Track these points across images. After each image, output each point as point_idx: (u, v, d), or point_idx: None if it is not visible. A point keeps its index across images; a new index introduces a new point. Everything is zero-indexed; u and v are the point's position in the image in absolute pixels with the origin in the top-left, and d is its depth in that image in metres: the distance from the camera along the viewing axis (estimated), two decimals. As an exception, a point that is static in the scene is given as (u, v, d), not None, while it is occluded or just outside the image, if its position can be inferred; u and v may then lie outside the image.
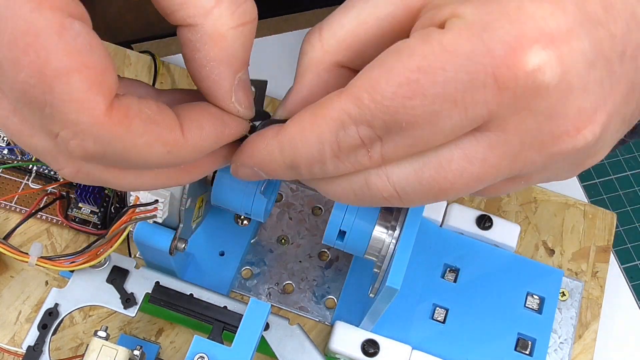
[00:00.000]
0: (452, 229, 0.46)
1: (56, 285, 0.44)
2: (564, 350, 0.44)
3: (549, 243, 0.48)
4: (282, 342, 0.38)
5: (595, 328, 0.46)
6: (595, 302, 0.46)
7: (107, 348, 0.36)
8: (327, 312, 0.45)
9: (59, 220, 0.46)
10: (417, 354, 0.42)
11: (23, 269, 0.45)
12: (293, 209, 0.47)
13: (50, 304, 0.38)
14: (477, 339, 0.43)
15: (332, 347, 0.42)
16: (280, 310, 0.45)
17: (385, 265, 0.38)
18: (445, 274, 0.45)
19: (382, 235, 0.38)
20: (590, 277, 0.47)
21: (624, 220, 0.87)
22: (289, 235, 0.47)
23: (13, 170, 0.47)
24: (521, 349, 0.43)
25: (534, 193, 0.49)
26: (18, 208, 0.46)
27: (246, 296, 0.45)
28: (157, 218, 0.35)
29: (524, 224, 0.48)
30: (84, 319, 0.44)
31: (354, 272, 0.45)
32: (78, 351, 0.43)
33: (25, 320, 0.43)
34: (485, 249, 0.46)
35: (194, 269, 0.44)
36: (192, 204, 0.37)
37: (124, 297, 0.38)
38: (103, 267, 0.39)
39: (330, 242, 0.39)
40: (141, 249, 0.39)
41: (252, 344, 0.36)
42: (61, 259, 0.37)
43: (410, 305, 0.44)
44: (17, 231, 0.41)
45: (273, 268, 0.46)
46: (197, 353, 0.35)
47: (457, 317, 0.44)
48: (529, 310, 0.44)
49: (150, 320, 0.44)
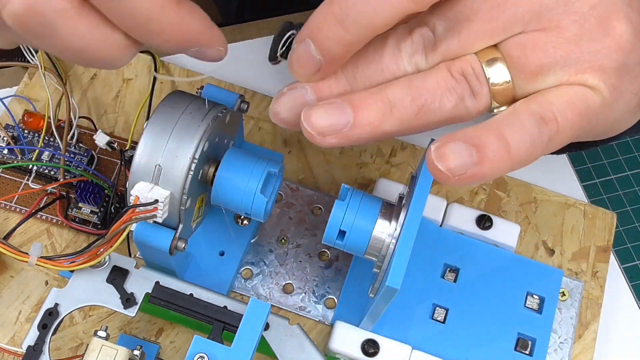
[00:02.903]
0: (452, 229, 0.46)
1: (56, 285, 0.44)
2: (564, 350, 0.44)
3: (549, 243, 0.48)
4: (282, 342, 0.38)
5: (595, 328, 0.46)
6: (595, 302, 0.46)
7: (107, 348, 0.36)
8: (327, 312, 0.45)
9: (59, 220, 0.46)
10: (417, 353, 0.42)
11: (23, 269, 0.45)
12: (293, 209, 0.47)
13: (50, 303, 0.38)
14: (477, 338, 0.43)
15: (332, 347, 0.42)
16: (280, 310, 0.45)
17: (385, 265, 0.38)
18: (445, 274, 0.45)
19: (382, 235, 0.38)
20: (590, 277, 0.47)
21: (624, 220, 0.87)
22: (289, 235, 0.47)
23: (13, 170, 0.47)
24: (521, 348, 0.43)
25: (534, 193, 0.49)
26: (18, 208, 0.46)
27: (246, 296, 0.45)
28: (157, 218, 0.35)
29: (524, 224, 0.48)
30: (84, 319, 0.44)
31: (354, 272, 0.45)
32: (78, 351, 0.43)
33: (25, 320, 0.43)
34: (485, 249, 0.46)
35: (194, 269, 0.44)
36: (192, 204, 0.37)
37: (124, 297, 0.38)
38: (103, 267, 0.39)
39: (330, 242, 0.39)
40: (141, 249, 0.39)
41: (252, 344, 0.36)
42: (61, 259, 0.37)
43: (410, 305, 0.44)
44: (17, 231, 0.41)
45: (273, 268, 0.46)
46: (197, 353, 0.35)
47: (457, 317, 0.44)
48: (529, 310, 0.44)
49: (150, 320, 0.44)
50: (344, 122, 0.31)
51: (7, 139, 0.47)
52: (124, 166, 0.46)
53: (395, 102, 0.31)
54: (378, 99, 0.31)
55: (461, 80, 0.31)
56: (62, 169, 0.46)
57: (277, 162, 0.39)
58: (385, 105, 0.31)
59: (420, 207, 0.35)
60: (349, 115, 0.31)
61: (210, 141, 0.37)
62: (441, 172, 0.30)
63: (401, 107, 0.31)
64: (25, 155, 0.47)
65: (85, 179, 0.45)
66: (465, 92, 0.31)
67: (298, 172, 0.49)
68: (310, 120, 0.32)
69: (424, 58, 0.32)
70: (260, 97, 0.51)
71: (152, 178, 0.36)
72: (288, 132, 0.50)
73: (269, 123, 0.50)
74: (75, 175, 0.46)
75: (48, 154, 0.47)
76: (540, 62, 0.31)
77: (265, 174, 0.38)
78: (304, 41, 0.32)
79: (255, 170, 0.38)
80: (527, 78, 0.31)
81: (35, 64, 0.49)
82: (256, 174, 0.38)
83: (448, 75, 0.31)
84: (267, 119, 0.51)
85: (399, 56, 0.32)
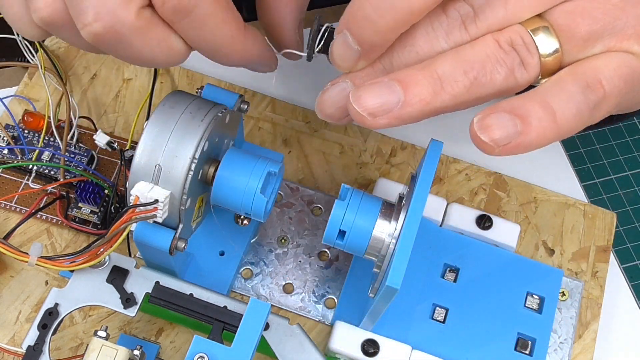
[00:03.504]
0: (452, 229, 0.46)
1: (56, 285, 0.44)
2: (564, 350, 0.44)
3: (549, 243, 0.48)
4: (282, 342, 0.38)
5: (595, 328, 0.46)
6: (595, 302, 0.46)
7: (107, 348, 0.36)
8: (327, 312, 0.45)
9: (59, 220, 0.46)
10: (417, 353, 0.42)
11: (23, 269, 0.45)
12: (293, 209, 0.47)
13: (50, 303, 0.38)
14: (477, 338, 0.43)
15: (332, 347, 0.42)
16: (280, 310, 0.45)
17: (385, 265, 0.38)
18: (445, 273, 0.45)
19: (382, 235, 0.38)
20: (590, 277, 0.47)
21: (624, 220, 0.87)
22: (289, 235, 0.47)
23: (13, 170, 0.47)
24: (521, 348, 0.43)
25: (534, 193, 0.49)
26: (18, 208, 0.46)
27: (246, 296, 0.45)
28: (157, 218, 0.35)
29: (524, 223, 0.48)
30: (84, 318, 0.44)
31: (354, 272, 0.45)
32: (78, 351, 0.43)
33: (25, 320, 0.43)
34: (485, 248, 0.46)
35: (194, 269, 0.44)
36: (192, 204, 0.37)
37: (124, 297, 0.38)
38: (103, 267, 0.39)
39: (330, 242, 0.39)
40: (141, 249, 0.39)
41: (252, 344, 0.36)
42: (61, 259, 0.37)
43: (410, 305, 0.44)
44: (17, 231, 0.40)
45: (273, 268, 0.46)
46: (197, 353, 0.35)
47: (457, 317, 0.44)
48: (529, 310, 0.44)
49: (150, 320, 0.44)
50: (394, 100, 0.30)
51: (7, 139, 0.47)
52: (124, 166, 0.46)
53: (445, 77, 0.30)
54: (427, 75, 0.31)
55: (510, 51, 0.30)
56: (62, 169, 0.46)
57: (277, 162, 0.39)
58: (435, 80, 0.30)
59: (420, 207, 0.35)
60: (398, 93, 0.30)
61: (210, 141, 0.37)
62: (485, 144, 0.29)
63: (452, 81, 0.30)
64: (25, 155, 0.47)
65: (85, 179, 0.45)
66: (515, 63, 0.31)
67: (298, 172, 0.49)
68: (360, 101, 0.31)
69: (465, 32, 0.31)
70: (260, 97, 0.51)
71: (152, 178, 0.36)
72: (288, 132, 0.50)
73: (268, 123, 0.50)
74: (75, 175, 0.46)
75: (48, 154, 0.47)
76: (590, 28, 0.30)
77: (265, 174, 0.38)
78: (342, 32, 0.31)
79: (255, 170, 0.38)
80: (576, 46, 0.31)
81: (35, 64, 0.49)
82: (256, 174, 0.38)
83: (496, 46, 0.31)
84: (267, 119, 0.51)
85: (434, 36, 0.32)
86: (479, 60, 0.30)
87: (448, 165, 0.50)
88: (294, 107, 0.51)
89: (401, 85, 0.30)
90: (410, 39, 0.32)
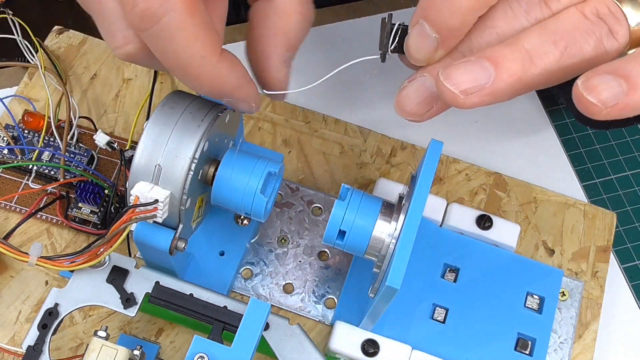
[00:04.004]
0: (452, 229, 0.46)
1: (56, 285, 0.44)
2: (564, 350, 0.44)
3: (549, 243, 0.48)
4: (282, 342, 0.38)
5: (595, 328, 0.46)
6: (595, 302, 0.46)
7: (107, 348, 0.36)
8: (327, 312, 0.45)
9: (59, 220, 0.46)
10: (417, 353, 0.42)
11: (23, 269, 0.45)
12: (293, 209, 0.47)
13: (50, 303, 0.38)
14: (477, 338, 0.43)
15: (332, 347, 0.42)
16: (280, 310, 0.45)
17: (385, 265, 0.38)
18: (445, 273, 0.45)
19: (382, 235, 0.38)
20: (590, 277, 0.47)
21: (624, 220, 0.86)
22: (289, 235, 0.47)
23: (13, 170, 0.47)
24: (521, 348, 0.43)
25: (534, 193, 0.49)
26: (18, 208, 0.46)
27: (246, 296, 0.45)
28: (157, 218, 0.35)
29: (524, 224, 0.48)
30: (84, 318, 0.44)
31: (354, 272, 0.45)
32: (78, 351, 0.43)
33: (25, 320, 0.43)
34: (485, 248, 0.46)
35: (194, 269, 0.44)
36: (192, 204, 0.37)
37: (124, 297, 0.38)
38: (103, 267, 0.39)
39: (330, 242, 0.39)
40: (141, 249, 0.39)
41: (252, 344, 0.36)
42: (61, 259, 0.37)
43: (410, 305, 0.44)
44: (17, 231, 0.40)
45: (273, 268, 0.46)
46: (197, 353, 0.35)
47: (457, 317, 0.44)
48: (529, 310, 0.44)
49: (150, 320, 0.44)
50: (485, 77, 0.30)
51: (7, 139, 0.47)
52: (124, 166, 0.46)
53: (534, 50, 0.30)
54: (515, 50, 0.30)
55: (596, 21, 0.30)
56: (62, 169, 0.46)
57: (277, 162, 0.39)
58: (524, 55, 0.30)
59: (420, 207, 0.35)
60: (489, 69, 0.30)
61: (210, 141, 0.37)
62: (593, 105, 0.29)
63: (543, 53, 0.30)
64: (25, 155, 0.47)
65: (85, 179, 0.45)
66: (602, 32, 0.30)
67: (298, 172, 0.49)
68: (452, 78, 0.30)
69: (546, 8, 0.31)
70: (260, 97, 0.51)
71: (152, 178, 0.36)
72: (288, 132, 0.50)
73: (269, 123, 0.50)
74: (75, 175, 0.46)
75: (48, 154, 0.47)
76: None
77: (265, 174, 0.38)
78: (418, 23, 0.31)
79: (255, 170, 0.38)
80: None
81: (35, 64, 0.49)
82: (256, 174, 0.38)
83: (581, 17, 0.30)
84: (267, 119, 0.51)
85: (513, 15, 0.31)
86: (567, 31, 0.30)
87: (448, 165, 0.50)
88: (294, 107, 0.51)
89: (490, 61, 0.30)
90: (489, 20, 0.31)
